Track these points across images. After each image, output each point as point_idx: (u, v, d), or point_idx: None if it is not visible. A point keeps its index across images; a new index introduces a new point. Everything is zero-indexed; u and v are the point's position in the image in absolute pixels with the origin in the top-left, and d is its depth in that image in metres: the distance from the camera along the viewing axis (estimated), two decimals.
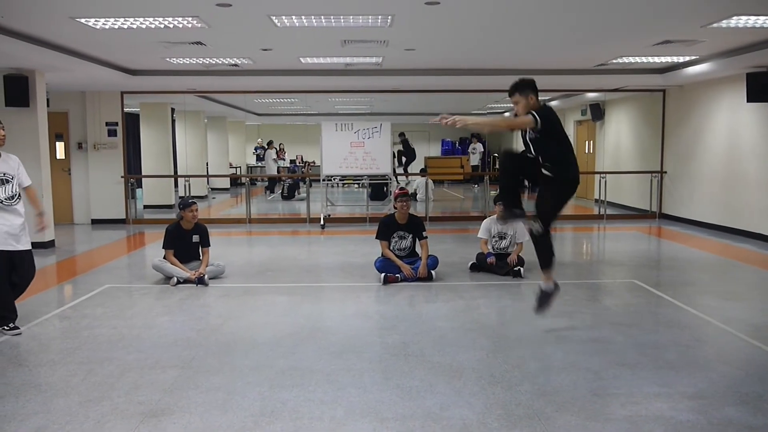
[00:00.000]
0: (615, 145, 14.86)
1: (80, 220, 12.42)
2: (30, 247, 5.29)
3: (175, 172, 15.52)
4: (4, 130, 5.14)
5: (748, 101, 9.50)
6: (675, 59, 9.79)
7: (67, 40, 7.83)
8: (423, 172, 16.01)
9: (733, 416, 3.52)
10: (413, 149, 18.89)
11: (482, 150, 20.36)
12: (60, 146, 12.33)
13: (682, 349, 4.66)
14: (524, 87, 4.72)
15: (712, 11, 6.57)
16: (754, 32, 7.51)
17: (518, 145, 4.82)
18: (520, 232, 7.19)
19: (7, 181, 5.16)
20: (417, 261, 6.98)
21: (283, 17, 6.68)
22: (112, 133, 12.38)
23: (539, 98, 4.75)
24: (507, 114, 4.46)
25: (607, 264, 8.46)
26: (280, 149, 22.11)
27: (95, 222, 12.35)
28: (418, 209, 13.28)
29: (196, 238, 7.14)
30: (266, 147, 19.94)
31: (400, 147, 18.18)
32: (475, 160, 20.26)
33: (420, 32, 7.60)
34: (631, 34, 7.86)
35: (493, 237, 7.34)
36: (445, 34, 7.72)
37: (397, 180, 15.41)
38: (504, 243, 7.32)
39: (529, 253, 7.81)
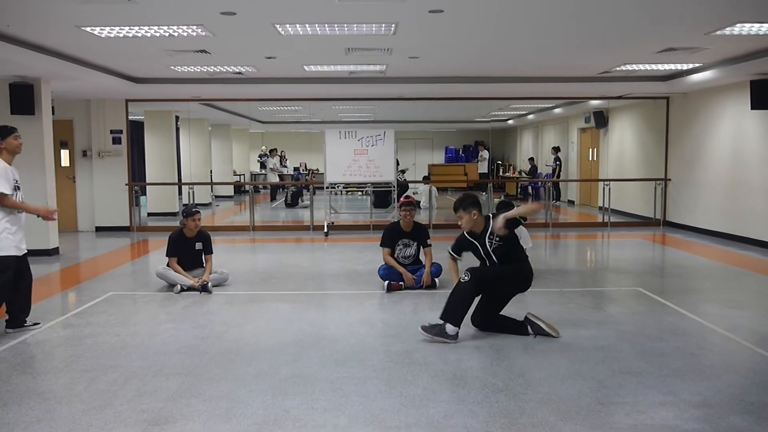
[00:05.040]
0: (619, 152, 14.85)
1: (84, 227, 12.45)
2: None
3: (179, 179, 15.56)
4: (21, 138, 5.45)
5: (752, 108, 9.49)
6: (679, 67, 9.79)
7: (73, 48, 7.88)
8: (426, 180, 16.00)
9: (738, 425, 3.49)
10: None
11: (486, 157, 20.32)
12: (65, 154, 12.38)
13: (688, 358, 4.64)
14: (467, 204, 5.12)
15: (716, 19, 6.57)
16: (758, 39, 7.51)
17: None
18: (524, 237, 7.19)
19: (19, 188, 5.40)
20: (421, 269, 6.97)
21: (287, 25, 6.70)
22: (116, 141, 12.43)
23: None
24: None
25: (611, 272, 8.44)
26: (282, 156, 22.16)
27: (99, 229, 12.38)
28: (422, 217, 13.28)
29: (199, 245, 7.15)
30: (267, 155, 19.97)
31: None
32: (482, 167, 20.18)
33: (424, 40, 7.62)
34: (635, 42, 7.86)
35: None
36: (448, 42, 7.74)
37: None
38: None
39: (537, 261, 7.78)
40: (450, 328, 4.94)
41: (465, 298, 4.98)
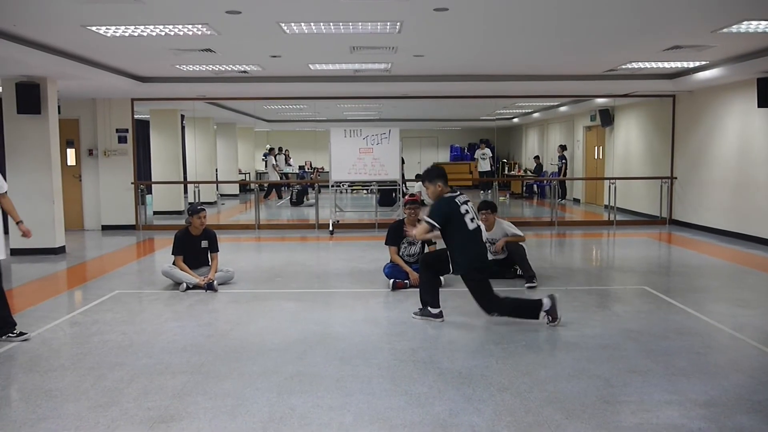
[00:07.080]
0: (625, 150, 14.81)
1: (90, 226, 12.49)
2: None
3: (185, 178, 15.60)
4: None
5: (759, 106, 9.45)
6: (685, 65, 9.75)
7: (78, 48, 7.90)
8: None
9: (744, 424, 3.48)
10: None
11: (491, 155, 20.24)
12: (71, 153, 12.43)
13: (693, 357, 4.62)
14: (432, 176, 5.52)
15: (723, 16, 6.54)
16: (765, 37, 7.47)
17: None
18: (511, 231, 7.21)
19: None
20: None
21: (292, 24, 6.71)
22: (122, 140, 12.47)
23: (445, 186, 5.53)
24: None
25: (617, 270, 8.42)
26: (286, 155, 22.18)
27: (105, 228, 12.42)
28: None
29: (204, 243, 7.16)
30: (267, 153, 20.00)
31: None
32: (485, 165, 20.11)
33: (429, 38, 7.61)
34: (641, 40, 7.84)
35: (486, 242, 7.24)
36: (453, 41, 7.73)
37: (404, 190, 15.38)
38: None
39: (542, 260, 7.78)
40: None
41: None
